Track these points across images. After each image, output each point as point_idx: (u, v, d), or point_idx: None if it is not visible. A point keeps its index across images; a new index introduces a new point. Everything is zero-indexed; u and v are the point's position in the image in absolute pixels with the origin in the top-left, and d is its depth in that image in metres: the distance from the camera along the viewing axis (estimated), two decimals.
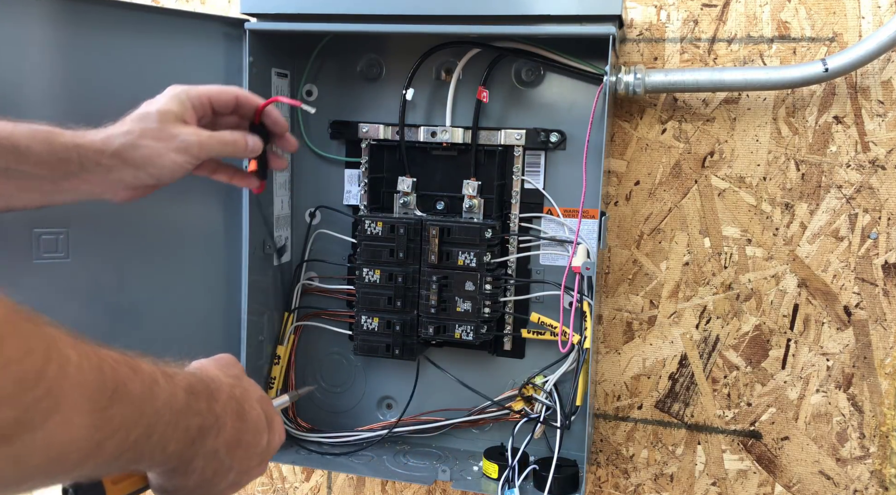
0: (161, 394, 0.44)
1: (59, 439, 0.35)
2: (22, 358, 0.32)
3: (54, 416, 0.34)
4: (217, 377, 0.56)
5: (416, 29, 0.82)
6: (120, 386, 0.40)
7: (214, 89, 0.75)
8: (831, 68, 0.82)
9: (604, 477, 1.01)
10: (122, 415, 0.40)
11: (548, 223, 0.92)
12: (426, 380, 0.98)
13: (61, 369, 0.35)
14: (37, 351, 0.33)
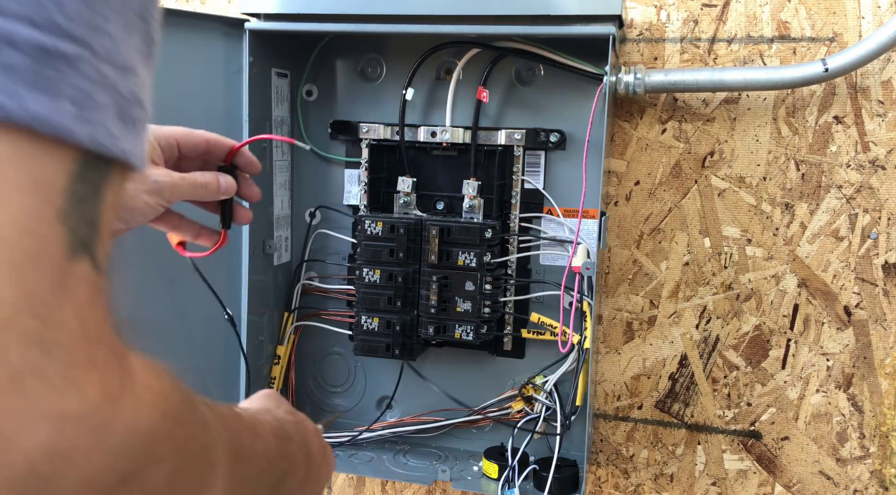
0: (262, 447, 0.44)
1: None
2: (199, 466, 0.30)
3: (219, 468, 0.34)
4: (283, 418, 0.54)
5: (416, 29, 0.82)
6: (246, 450, 0.39)
7: (182, 131, 0.68)
8: (831, 68, 0.82)
9: (604, 477, 1.01)
10: (243, 476, 0.39)
11: (548, 223, 0.92)
12: (426, 380, 0.98)
13: (220, 451, 0.34)
14: (207, 446, 0.32)
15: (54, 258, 0.21)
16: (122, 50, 0.23)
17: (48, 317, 0.21)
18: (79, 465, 0.22)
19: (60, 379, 0.21)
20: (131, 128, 0.24)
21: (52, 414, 0.21)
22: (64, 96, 0.21)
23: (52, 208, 0.21)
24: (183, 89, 0.87)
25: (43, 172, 0.21)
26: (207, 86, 0.89)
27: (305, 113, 0.98)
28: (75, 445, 0.22)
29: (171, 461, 0.27)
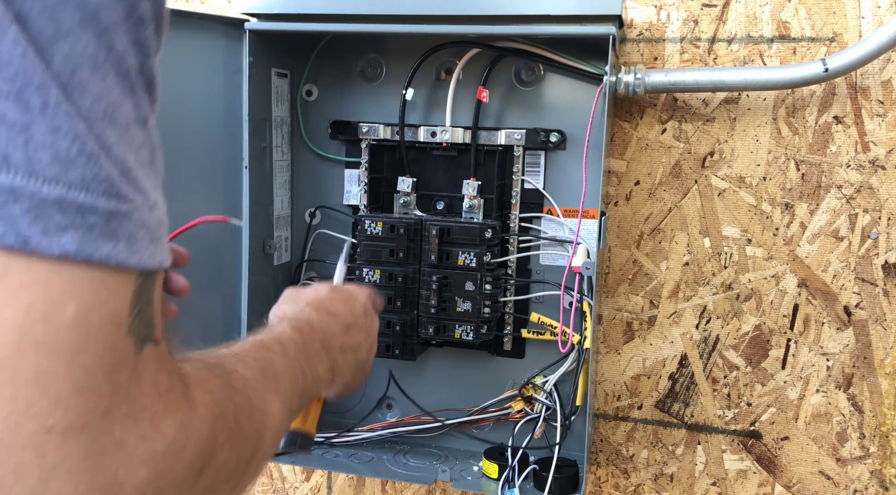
0: (290, 348, 0.53)
1: (272, 443, 0.45)
2: (249, 433, 0.41)
3: (267, 433, 0.44)
4: (295, 307, 0.65)
5: (416, 29, 0.82)
6: (276, 373, 0.48)
7: None
8: (831, 68, 0.82)
9: (604, 477, 1.01)
10: (287, 386, 0.49)
11: (548, 223, 0.92)
12: (426, 380, 0.98)
13: (264, 413, 0.44)
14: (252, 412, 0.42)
15: (127, 358, 0.32)
16: (152, 195, 0.33)
17: (129, 396, 0.31)
18: (170, 480, 0.33)
19: (149, 431, 0.32)
20: (159, 243, 0.33)
21: (147, 457, 0.32)
22: (121, 239, 0.31)
23: (123, 328, 0.31)
24: (183, 89, 0.87)
25: (114, 299, 0.31)
26: (207, 86, 0.89)
27: (305, 113, 0.98)
28: (166, 470, 0.33)
29: (228, 441, 0.37)
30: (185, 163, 0.88)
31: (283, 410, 0.47)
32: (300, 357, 0.54)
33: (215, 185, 0.91)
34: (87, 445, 0.29)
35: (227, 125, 0.90)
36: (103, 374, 0.30)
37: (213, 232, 0.91)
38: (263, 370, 0.47)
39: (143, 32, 0.31)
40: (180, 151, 0.88)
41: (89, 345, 0.30)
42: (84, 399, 0.29)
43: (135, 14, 0.31)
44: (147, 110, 0.33)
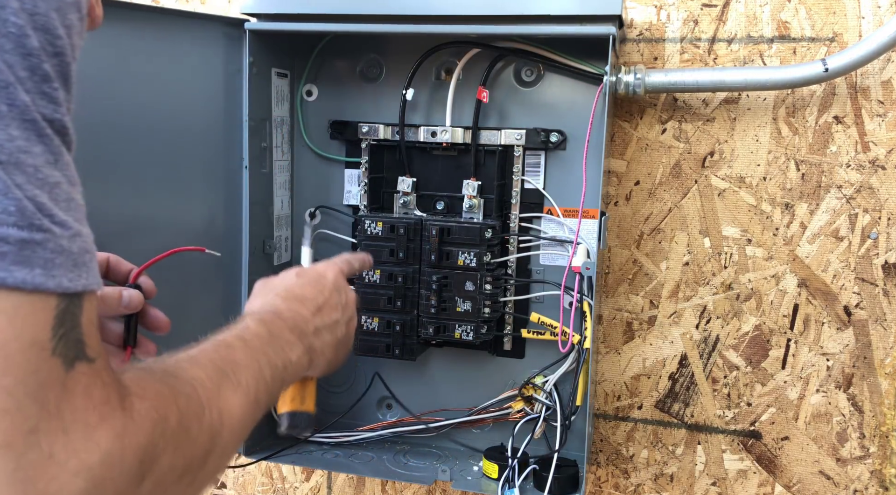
0: (253, 342, 0.55)
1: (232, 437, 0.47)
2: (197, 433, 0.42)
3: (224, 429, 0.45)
4: (264, 299, 0.66)
5: (416, 29, 0.82)
6: (236, 368, 0.50)
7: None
8: (831, 68, 0.82)
9: (604, 477, 1.01)
10: (249, 380, 0.50)
11: (548, 223, 0.92)
12: (426, 380, 0.98)
13: (219, 410, 0.45)
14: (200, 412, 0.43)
15: (54, 378, 0.34)
16: (73, 225, 0.36)
17: (59, 412, 0.33)
18: (109, 488, 0.34)
19: (82, 443, 0.33)
20: (84, 268, 0.36)
21: (80, 469, 0.33)
22: (36, 266, 0.33)
23: (46, 351, 0.34)
24: (183, 89, 0.87)
25: (33, 325, 0.33)
26: (207, 86, 0.89)
27: (305, 113, 0.98)
28: (103, 479, 0.34)
29: (172, 444, 0.39)
30: (185, 163, 0.88)
31: (244, 404, 0.48)
32: (266, 348, 0.56)
33: (215, 185, 0.91)
34: (16, 460, 0.32)
35: (227, 125, 0.90)
36: (26, 395, 0.32)
37: (212, 232, 0.91)
38: (220, 368, 0.49)
39: (47, 87, 0.35)
40: (180, 151, 0.88)
41: (9, 369, 0.32)
42: (8, 418, 0.32)
43: (38, 72, 0.35)
44: (60, 152, 0.36)
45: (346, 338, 0.71)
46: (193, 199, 0.89)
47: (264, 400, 0.53)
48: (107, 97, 0.82)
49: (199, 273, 0.91)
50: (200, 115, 0.89)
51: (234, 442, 0.47)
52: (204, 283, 0.91)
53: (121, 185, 0.84)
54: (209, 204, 0.91)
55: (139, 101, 0.84)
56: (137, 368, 0.42)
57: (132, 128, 0.84)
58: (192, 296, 0.90)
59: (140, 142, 0.85)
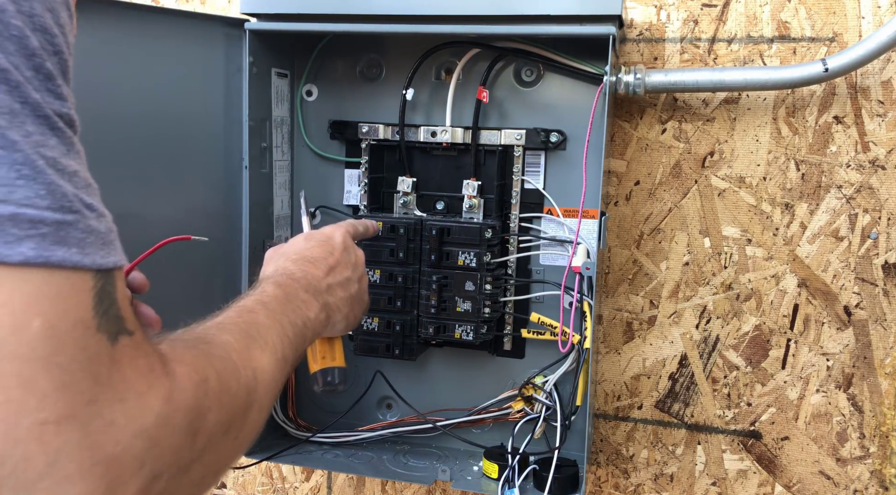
0: (272, 304, 0.58)
1: (268, 392, 0.50)
2: (236, 390, 0.45)
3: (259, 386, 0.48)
4: (276, 264, 0.69)
5: (416, 29, 0.82)
6: (260, 330, 0.53)
7: None
8: (831, 68, 0.82)
9: (604, 477, 1.01)
10: (274, 339, 0.54)
11: (548, 223, 0.92)
12: (426, 380, 0.98)
13: (252, 369, 0.48)
14: (237, 372, 0.46)
15: (102, 352, 0.36)
16: (98, 206, 0.39)
17: (112, 383, 0.36)
18: (166, 446, 0.38)
19: (137, 408, 0.36)
20: (111, 246, 0.39)
21: (139, 431, 0.36)
22: (73, 245, 0.36)
23: (91, 329, 0.36)
24: (183, 89, 0.87)
25: (76, 305, 0.35)
26: (207, 86, 0.89)
27: (305, 113, 0.98)
28: (159, 438, 0.37)
29: (216, 402, 0.42)
30: (186, 163, 0.88)
31: (273, 361, 0.52)
32: (285, 309, 0.60)
33: (215, 185, 0.91)
34: (82, 429, 0.34)
35: (227, 125, 0.90)
36: (81, 370, 0.35)
37: (212, 232, 0.91)
38: (246, 331, 0.52)
39: (51, 85, 0.37)
40: (180, 151, 0.88)
41: (61, 348, 0.34)
42: (68, 393, 0.34)
43: (42, 71, 0.37)
44: (72, 142, 0.38)
45: (359, 293, 0.74)
46: (193, 199, 0.89)
47: (291, 356, 0.56)
48: (107, 97, 0.82)
49: (198, 273, 0.91)
50: (200, 114, 0.89)
51: (269, 398, 0.51)
52: (204, 283, 0.91)
53: (120, 185, 0.84)
54: (209, 204, 0.91)
55: (139, 101, 0.84)
56: (170, 339, 0.45)
57: (132, 129, 0.84)
58: (191, 296, 0.90)
59: (140, 143, 0.85)
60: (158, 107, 0.86)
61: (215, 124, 0.90)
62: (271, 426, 0.98)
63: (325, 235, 0.76)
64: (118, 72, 0.83)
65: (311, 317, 0.63)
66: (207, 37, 0.88)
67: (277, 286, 0.62)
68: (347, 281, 0.72)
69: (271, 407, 0.52)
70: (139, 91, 0.84)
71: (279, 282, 0.63)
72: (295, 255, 0.70)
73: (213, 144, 0.90)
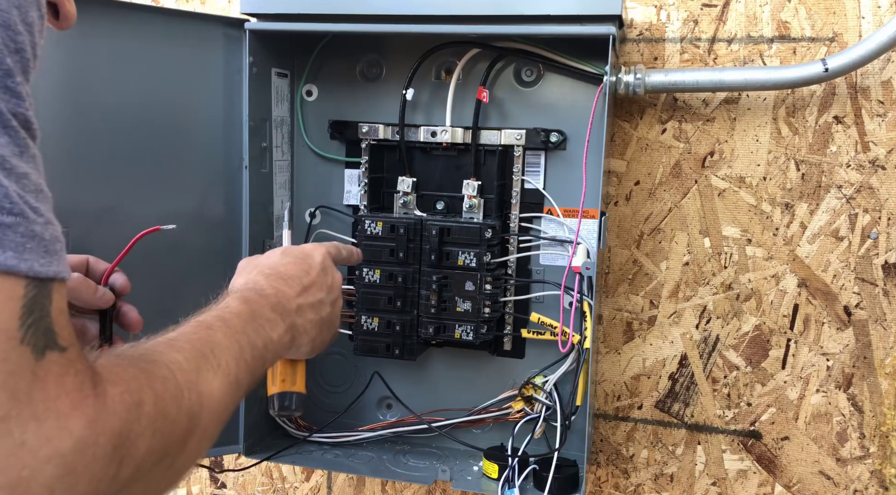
0: (234, 321, 0.55)
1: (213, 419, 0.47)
2: (175, 416, 0.42)
3: (204, 411, 0.45)
4: (247, 277, 0.66)
5: (416, 29, 0.82)
6: (215, 349, 0.50)
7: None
8: (831, 68, 0.82)
9: (604, 477, 1.01)
10: (229, 360, 0.50)
11: (548, 223, 0.92)
12: (426, 380, 0.98)
13: (199, 392, 0.45)
14: (179, 395, 0.43)
15: (24, 366, 0.34)
16: (45, 213, 0.36)
17: (30, 400, 0.33)
18: (83, 475, 0.34)
19: (54, 430, 0.33)
20: (55, 256, 0.36)
21: (52, 455, 0.33)
22: (8, 249, 0.34)
23: (14, 340, 0.33)
24: (183, 89, 0.87)
25: (2, 314, 0.33)
26: (207, 86, 0.89)
27: (305, 113, 0.98)
28: (75, 465, 0.34)
29: (149, 428, 0.39)
30: (186, 163, 0.88)
31: (224, 385, 0.49)
32: (247, 328, 0.56)
33: (215, 185, 0.91)
34: None
35: (227, 125, 0.90)
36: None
37: (212, 232, 0.91)
38: (199, 350, 0.49)
39: (10, 81, 0.36)
40: (180, 151, 0.88)
41: None
42: None
43: (1, 67, 0.35)
44: (26, 145, 0.36)
45: (330, 317, 0.71)
46: (193, 199, 0.89)
47: (245, 380, 0.53)
48: (107, 97, 0.82)
49: (197, 273, 0.91)
50: (200, 114, 0.89)
51: (215, 424, 0.47)
52: (204, 284, 0.91)
53: (120, 185, 0.84)
54: (209, 204, 0.91)
55: (139, 101, 0.84)
56: (110, 354, 0.42)
57: (132, 129, 0.84)
58: (191, 296, 0.90)
59: (140, 143, 0.85)
60: (158, 107, 0.86)
61: (215, 124, 0.90)
62: (271, 426, 0.98)
63: (304, 253, 0.72)
64: (118, 72, 0.83)
65: (273, 338, 0.59)
66: (207, 37, 0.88)
67: (243, 301, 0.59)
68: (320, 303, 0.69)
69: (217, 433, 0.48)
70: (139, 91, 0.84)
71: (246, 298, 0.60)
72: (268, 270, 0.67)
73: (213, 144, 0.90)
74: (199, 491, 1.18)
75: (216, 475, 1.16)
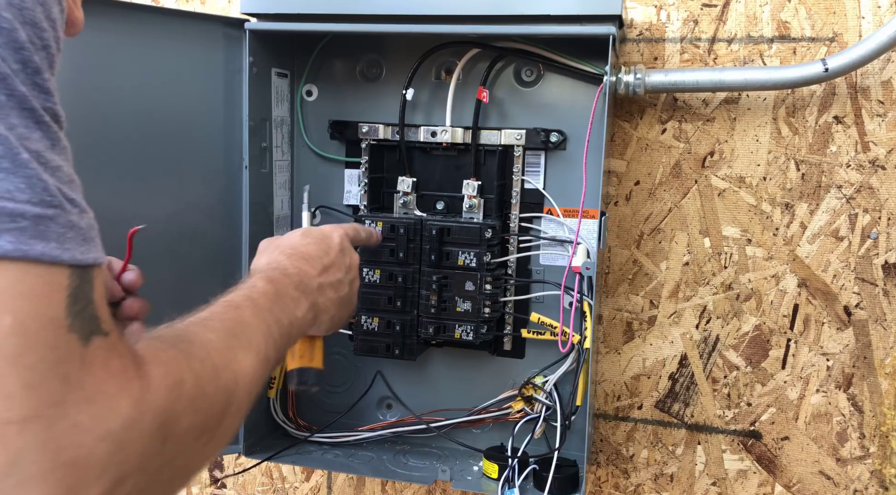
0: (261, 301, 0.57)
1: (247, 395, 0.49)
2: (214, 394, 0.44)
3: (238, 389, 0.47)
4: (269, 257, 0.68)
5: (416, 29, 0.82)
6: (246, 329, 0.52)
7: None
8: (831, 68, 0.82)
9: (604, 477, 1.01)
10: (259, 339, 0.52)
11: (548, 223, 0.92)
12: (426, 380, 0.98)
13: (233, 371, 0.47)
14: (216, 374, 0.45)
15: (73, 353, 0.35)
16: (80, 202, 0.38)
17: (81, 384, 0.35)
18: (132, 451, 0.36)
19: (104, 411, 0.36)
20: (92, 243, 0.38)
21: (104, 435, 0.35)
22: (52, 240, 0.35)
23: (62, 329, 0.35)
24: (183, 89, 0.87)
25: (49, 304, 0.35)
26: (207, 86, 0.89)
27: (305, 113, 0.98)
28: (125, 442, 0.36)
29: (190, 406, 0.41)
30: (186, 163, 0.88)
31: (256, 362, 0.51)
32: (273, 307, 0.58)
33: (215, 185, 0.91)
34: (45, 431, 0.33)
35: (227, 125, 0.90)
36: (49, 370, 0.34)
37: (212, 232, 0.91)
38: (231, 330, 0.51)
39: (38, 78, 0.37)
40: (180, 151, 0.88)
41: (30, 348, 0.34)
42: (34, 392, 0.33)
43: (30, 65, 0.37)
44: (58, 137, 0.38)
45: (349, 295, 0.73)
46: (193, 199, 0.89)
47: (274, 356, 0.55)
48: (107, 97, 0.82)
49: (198, 273, 0.91)
50: (200, 114, 0.89)
51: (248, 400, 0.49)
52: (203, 284, 0.91)
53: (120, 186, 0.84)
54: (209, 204, 0.91)
55: (139, 101, 0.84)
56: (149, 337, 0.43)
57: (132, 129, 0.84)
58: (190, 296, 0.90)
59: (140, 142, 0.85)
60: (158, 107, 0.86)
61: (215, 124, 0.90)
62: (271, 426, 0.98)
63: (323, 233, 0.74)
64: (118, 72, 0.83)
65: (298, 316, 0.62)
66: (207, 37, 0.88)
67: (268, 281, 0.61)
68: (339, 282, 0.71)
69: (249, 409, 0.50)
70: (139, 91, 0.84)
71: (271, 278, 0.62)
72: (290, 250, 0.69)
73: (213, 144, 0.90)
74: (199, 491, 1.18)
75: (216, 475, 1.16)
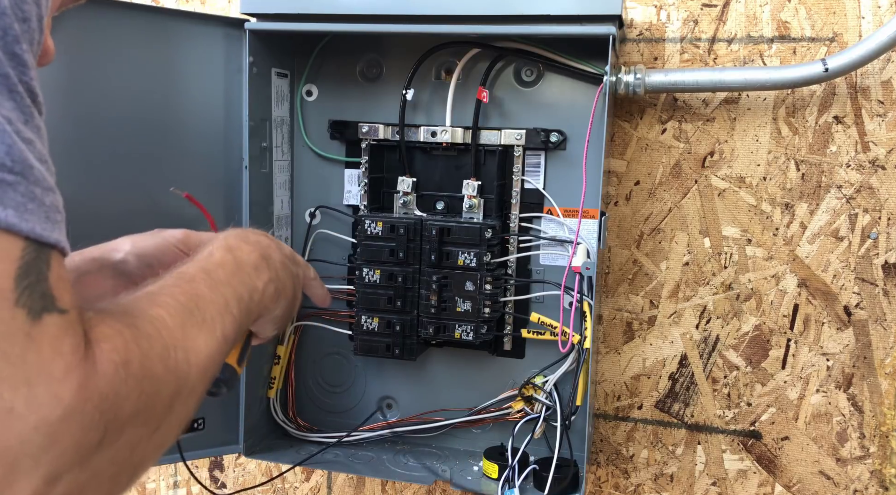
0: (218, 272, 0.53)
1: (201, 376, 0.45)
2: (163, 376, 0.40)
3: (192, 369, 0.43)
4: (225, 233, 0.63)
5: (416, 29, 0.82)
6: (200, 304, 0.47)
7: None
8: (831, 68, 0.82)
9: (604, 477, 1.01)
10: (214, 315, 0.48)
11: (548, 223, 0.92)
12: (426, 380, 0.98)
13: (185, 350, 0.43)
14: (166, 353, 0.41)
15: (18, 328, 0.32)
16: (48, 180, 0.36)
17: (22, 363, 0.32)
18: (66, 443, 0.33)
19: (45, 397, 0.32)
20: (56, 225, 0.35)
21: (39, 424, 0.32)
22: (8, 206, 0.33)
23: (8, 302, 0.32)
24: (183, 89, 0.87)
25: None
26: (207, 86, 0.89)
27: (305, 113, 0.98)
28: (62, 433, 0.33)
29: (136, 389, 0.37)
30: (186, 163, 0.88)
31: (211, 340, 0.46)
32: (232, 279, 0.53)
33: (215, 185, 0.91)
34: None
35: (227, 125, 0.90)
36: None
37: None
38: (184, 305, 0.46)
39: (16, 48, 0.35)
40: (180, 151, 0.88)
41: None
42: None
43: (9, 34, 0.35)
44: (31, 113, 0.36)
45: (293, 301, 0.68)
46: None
47: (232, 335, 0.50)
48: (107, 97, 0.82)
49: None
50: (200, 114, 0.89)
51: (203, 383, 0.45)
52: None
53: (120, 185, 0.84)
54: (209, 204, 0.91)
55: (139, 101, 0.84)
56: (97, 309, 0.39)
57: (132, 129, 0.84)
58: None
59: (140, 143, 0.85)
60: (158, 107, 0.86)
61: (215, 124, 0.90)
62: (271, 426, 0.98)
63: (284, 245, 0.72)
64: (118, 72, 0.83)
65: (259, 287, 0.57)
66: (207, 37, 0.88)
67: (227, 250, 0.56)
68: (294, 277, 0.67)
69: (203, 393, 0.46)
70: (139, 91, 0.84)
71: (230, 246, 0.57)
72: (242, 231, 0.65)
73: (213, 144, 0.90)
74: (198, 491, 1.18)
75: (216, 475, 1.16)
